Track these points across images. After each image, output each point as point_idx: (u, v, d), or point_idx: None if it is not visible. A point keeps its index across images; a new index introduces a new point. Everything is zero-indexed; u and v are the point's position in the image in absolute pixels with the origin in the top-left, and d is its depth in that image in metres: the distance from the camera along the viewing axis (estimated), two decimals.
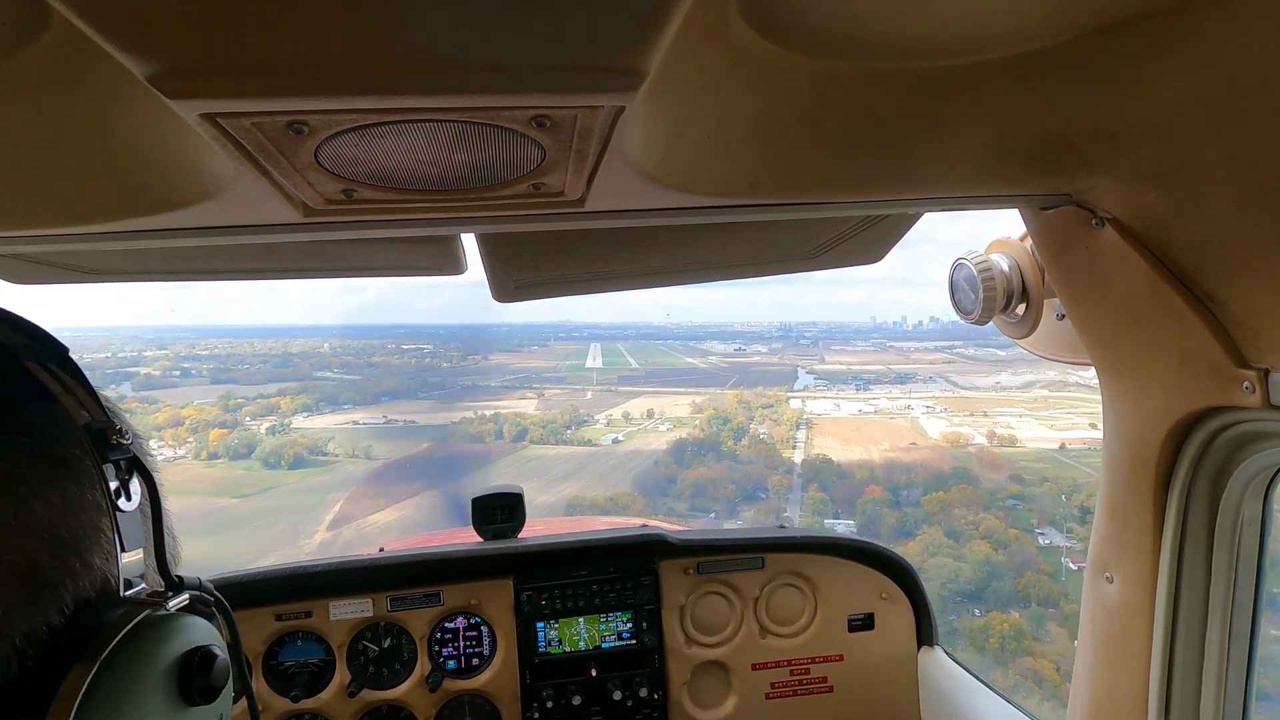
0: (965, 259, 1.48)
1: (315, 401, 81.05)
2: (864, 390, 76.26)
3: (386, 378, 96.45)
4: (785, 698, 2.27)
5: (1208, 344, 1.05)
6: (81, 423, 0.54)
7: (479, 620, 2.19)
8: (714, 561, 2.24)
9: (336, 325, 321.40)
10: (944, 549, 26.72)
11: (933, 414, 66.86)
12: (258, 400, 77.64)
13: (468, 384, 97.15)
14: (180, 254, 1.41)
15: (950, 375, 75.99)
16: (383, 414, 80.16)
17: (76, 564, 0.51)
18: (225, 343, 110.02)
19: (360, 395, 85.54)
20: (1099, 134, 1.00)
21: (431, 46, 0.61)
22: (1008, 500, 35.06)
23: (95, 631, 0.49)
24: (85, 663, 0.47)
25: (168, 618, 0.54)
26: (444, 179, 0.91)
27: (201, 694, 0.54)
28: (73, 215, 0.98)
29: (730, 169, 1.02)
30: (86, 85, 0.72)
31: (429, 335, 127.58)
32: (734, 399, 75.96)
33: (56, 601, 0.49)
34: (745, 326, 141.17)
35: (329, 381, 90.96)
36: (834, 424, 66.67)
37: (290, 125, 0.71)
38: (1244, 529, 1.19)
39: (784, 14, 0.72)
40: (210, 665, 0.55)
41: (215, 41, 0.58)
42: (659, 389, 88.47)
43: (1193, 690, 1.25)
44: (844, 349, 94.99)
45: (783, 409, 70.62)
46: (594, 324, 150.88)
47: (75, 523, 0.51)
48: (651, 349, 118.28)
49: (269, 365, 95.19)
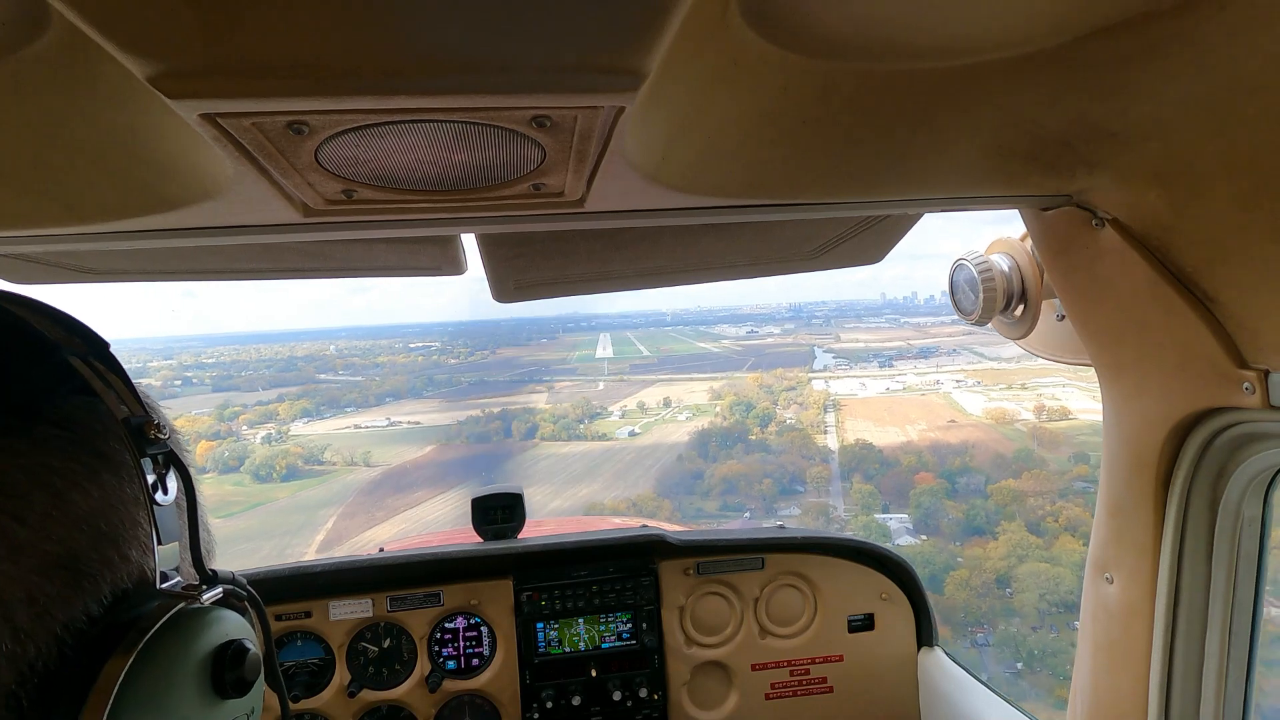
0: (965, 259, 1.48)
1: (316, 406, 78.84)
2: (887, 367, 72.77)
3: (392, 377, 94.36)
4: (785, 698, 2.27)
5: (1208, 344, 1.05)
6: (121, 417, 0.55)
7: (479, 620, 2.19)
8: (714, 562, 2.24)
9: (344, 327, 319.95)
10: (1033, 551, 22.95)
11: (965, 388, 62.74)
12: (256, 407, 75.45)
13: (474, 380, 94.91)
14: (180, 254, 1.41)
15: (974, 346, 72.56)
16: (386, 416, 78.07)
17: (115, 556, 0.52)
18: (231, 349, 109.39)
19: (363, 397, 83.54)
20: (1099, 134, 1.00)
21: (432, 47, 0.61)
22: (1076, 483, 31.93)
23: (132, 623, 0.50)
24: (123, 653, 0.47)
25: (202, 611, 0.55)
26: (444, 179, 0.91)
27: (235, 687, 0.54)
28: (73, 215, 0.98)
29: (730, 169, 1.02)
30: (86, 85, 0.72)
31: (436, 332, 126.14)
32: (754, 383, 72.39)
33: (95, 592, 0.49)
34: (755, 309, 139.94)
35: (332, 384, 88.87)
36: (863, 404, 62.64)
37: (290, 125, 0.71)
38: (1244, 529, 1.19)
39: (784, 14, 0.72)
40: (243, 659, 0.55)
41: (215, 42, 0.58)
42: (673, 376, 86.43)
43: (1193, 690, 1.25)
44: (857, 326, 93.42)
45: (806, 391, 66.88)
46: (602, 314, 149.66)
47: (114, 516, 0.52)
48: (662, 336, 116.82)
49: (273, 370, 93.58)
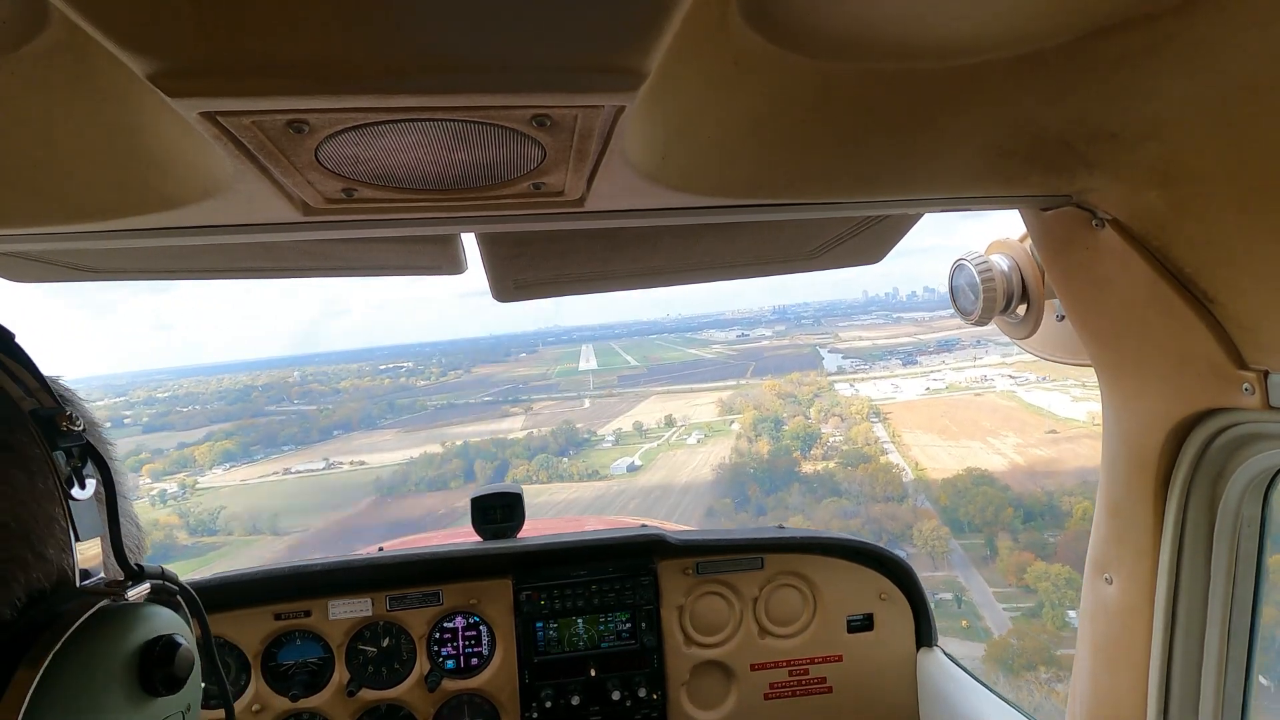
0: (965, 260, 1.48)
1: (244, 447, 66.99)
2: (912, 365, 64.96)
3: (348, 404, 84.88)
4: (784, 698, 2.27)
5: (1208, 345, 1.05)
6: (28, 409, 0.53)
7: (478, 620, 2.19)
8: (713, 562, 2.24)
9: (320, 352, 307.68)
10: None
11: (1030, 384, 50.85)
12: (173, 453, 63.88)
13: (442, 404, 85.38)
14: (180, 253, 1.41)
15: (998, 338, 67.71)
16: (324, 457, 65.91)
17: (28, 555, 0.50)
18: (194, 381, 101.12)
19: (305, 433, 72.58)
20: (1099, 134, 1.00)
21: (432, 46, 0.61)
22: None
23: (48, 624, 0.48)
24: (35, 658, 0.45)
25: (126, 608, 0.53)
26: (444, 178, 0.91)
27: (165, 684, 0.53)
28: (73, 214, 0.98)
29: (730, 169, 1.02)
30: (86, 84, 0.72)
31: (413, 353, 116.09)
32: (770, 391, 61.93)
33: (7, 594, 0.48)
34: (739, 313, 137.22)
35: (275, 418, 78.37)
36: (909, 410, 51.63)
37: (290, 124, 0.71)
38: (1244, 530, 1.19)
39: (784, 14, 0.72)
40: (172, 655, 0.53)
41: (216, 40, 0.58)
42: (669, 387, 79.37)
43: (1192, 690, 1.25)
44: (851, 324, 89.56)
45: (833, 397, 56.27)
46: (584, 326, 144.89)
47: (24, 512, 0.50)
48: (648, 345, 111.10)
49: (225, 403, 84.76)
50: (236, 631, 2.08)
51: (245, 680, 2.09)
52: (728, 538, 2.29)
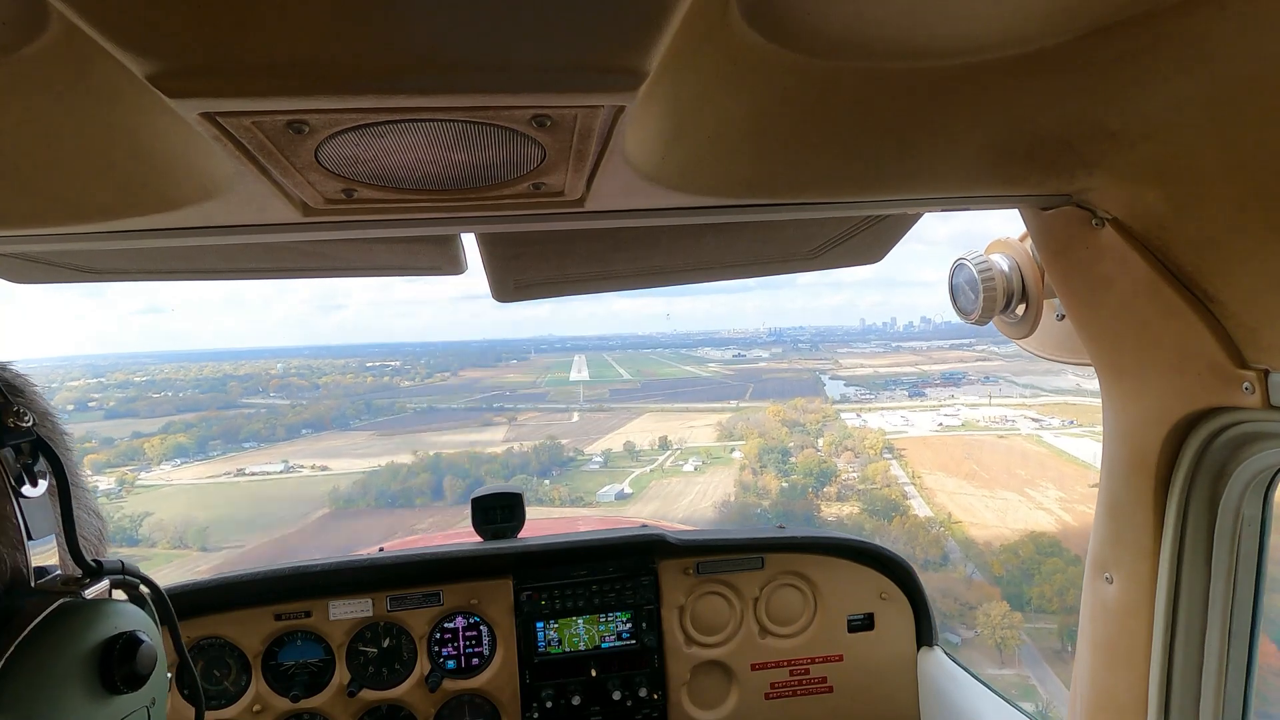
0: (965, 259, 1.48)
1: (201, 441, 60.29)
2: (918, 397, 60.79)
3: (324, 401, 78.72)
4: (785, 698, 2.27)
5: (1208, 344, 1.05)
6: None
7: (478, 620, 2.19)
8: (714, 561, 2.24)
9: (306, 345, 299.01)
10: None
11: (1058, 430, 45.00)
12: (121, 444, 57.34)
13: (422, 407, 78.94)
14: (180, 253, 1.41)
15: (1006, 375, 60.70)
16: (284, 458, 59.61)
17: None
18: (176, 367, 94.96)
19: (270, 429, 66.22)
20: (1099, 134, 1.00)
21: (432, 46, 0.61)
22: None
23: (2, 625, 0.47)
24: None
25: (84, 605, 0.52)
26: (444, 179, 0.91)
27: (125, 682, 0.52)
28: (73, 215, 0.98)
29: (730, 169, 1.02)
30: (86, 85, 0.72)
31: (403, 352, 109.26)
32: (774, 417, 56.31)
33: None
34: (734, 333, 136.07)
35: (244, 411, 72.24)
36: (927, 448, 46.16)
37: (290, 124, 0.71)
38: (1244, 529, 1.19)
39: (784, 14, 0.72)
40: (133, 652, 0.52)
41: (215, 41, 0.58)
42: (663, 405, 74.20)
43: (1192, 690, 1.25)
44: (850, 351, 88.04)
45: (846, 429, 51.24)
46: (577, 336, 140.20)
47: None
48: (642, 359, 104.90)
49: (197, 391, 79.11)
50: (237, 632, 2.08)
51: (246, 681, 2.09)
52: (728, 538, 2.29)
